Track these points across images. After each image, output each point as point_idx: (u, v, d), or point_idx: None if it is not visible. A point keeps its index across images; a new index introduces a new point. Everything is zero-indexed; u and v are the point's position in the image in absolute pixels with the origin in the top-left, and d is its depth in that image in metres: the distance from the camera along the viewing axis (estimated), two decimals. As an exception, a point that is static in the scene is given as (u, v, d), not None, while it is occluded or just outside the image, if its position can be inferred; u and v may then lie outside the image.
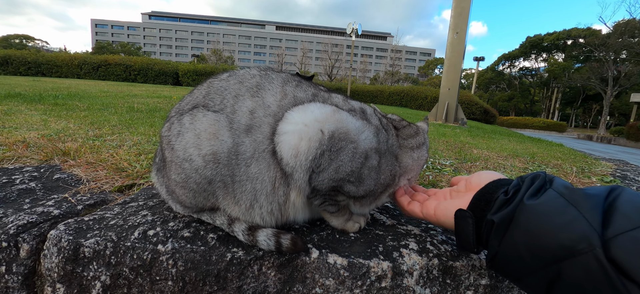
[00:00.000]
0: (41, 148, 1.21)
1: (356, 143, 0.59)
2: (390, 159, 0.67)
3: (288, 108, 0.58)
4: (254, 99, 0.59)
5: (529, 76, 49.15)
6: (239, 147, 0.57)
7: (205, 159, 0.57)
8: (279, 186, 0.58)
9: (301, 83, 0.65)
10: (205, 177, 0.58)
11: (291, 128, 0.56)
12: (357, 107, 0.67)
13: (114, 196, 0.89)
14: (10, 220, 0.68)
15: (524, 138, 4.10)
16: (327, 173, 0.58)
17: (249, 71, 0.65)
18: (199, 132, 0.57)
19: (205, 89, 0.64)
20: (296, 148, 0.55)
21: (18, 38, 54.54)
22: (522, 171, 1.65)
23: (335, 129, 0.57)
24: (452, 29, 5.06)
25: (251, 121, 0.57)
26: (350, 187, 0.62)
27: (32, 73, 13.49)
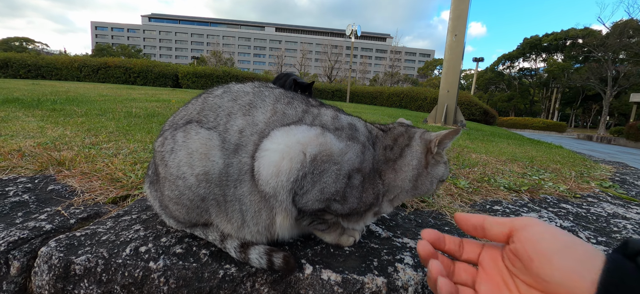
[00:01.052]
0: (36, 158, 1.20)
1: (340, 164, 0.58)
2: (372, 177, 0.65)
3: (275, 126, 0.58)
4: (245, 118, 0.59)
5: (528, 76, 49.20)
6: (229, 168, 0.56)
7: (198, 178, 0.56)
8: (260, 209, 0.58)
9: (293, 100, 0.64)
10: (198, 195, 0.58)
11: (273, 147, 0.55)
12: (345, 124, 0.65)
13: (108, 208, 0.88)
14: (1, 236, 0.68)
15: (523, 141, 4.09)
16: (311, 194, 0.58)
17: (243, 88, 0.65)
18: (192, 151, 0.56)
19: (200, 105, 0.63)
20: (277, 167, 0.55)
21: (18, 41, 54.63)
22: (520, 176, 1.64)
23: (318, 152, 0.56)
24: (451, 32, 5.06)
25: (239, 140, 0.57)
26: (336, 206, 0.61)
27: (32, 76, 13.50)
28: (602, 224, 1.03)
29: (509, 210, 1.10)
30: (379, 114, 6.65)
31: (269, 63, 72.85)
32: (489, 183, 1.42)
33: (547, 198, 1.30)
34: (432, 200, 1.12)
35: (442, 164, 0.70)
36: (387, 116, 6.06)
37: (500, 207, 1.12)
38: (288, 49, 74.92)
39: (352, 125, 0.67)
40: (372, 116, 5.47)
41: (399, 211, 1.00)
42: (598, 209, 1.20)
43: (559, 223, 0.99)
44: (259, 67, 76.57)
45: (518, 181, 1.49)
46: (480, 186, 1.36)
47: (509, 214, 1.05)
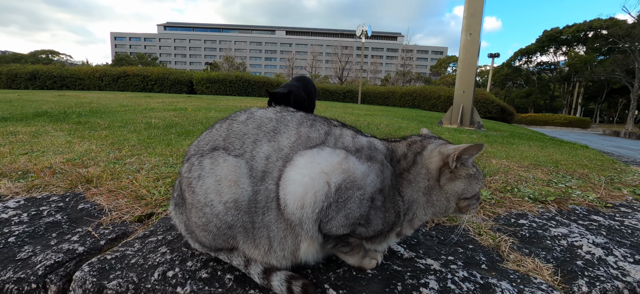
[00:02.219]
0: (66, 175, 1.26)
1: (363, 189, 0.58)
2: (392, 195, 0.64)
3: (299, 149, 0.59)
4: (270, 144, 0.60)
5: (547, 70, 47.25)
6: (257, 195, 0.57)
7: (226, 205, 0.57)
8: (286, 235, 0.59)
9: (315, 122, 0.65)
10: (226, 223, 0.59)
11: (298, 178, 0.56)
12: (365, 143, 0.65)
13: (134, 227, 0.91)
14: (38, 259, 0.71)
15: (546, 141, 3.93)
16: (336, 221, 0.58)
17: (266, 114, 0.65)
18: (220, 178, 0.58)
19: (224, 131, 0.65)
20: (302, 200, 0.55)
21: (44, 53, 57.80)
22: (545, 184, 1.58)
23: (342, 181, 0.57)
24: (465, 31, 4.93)
25: (266, 166, 0.58)
26: (360, 229, 0.61)
27: (57, 86, 14.22)
28: (638, 240, 0.97)
29: (536, 224, 1.05)
30: (391, 115, 6.57)
31: (280, 66, 73.56)
32: (513, 193, 1.37)
33: (576, 209, 1.24)
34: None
35: (462, 180, 0.66)
36: (400, 118, 5.98)
37: (526, 221, 1.08)
38: (298, 52, 75.39)
39: (371, 143, 0.67)
40: (385, 118, 5.41)
41: (420, 227, 0.98)
42: (633, 221, 1.14)
43: (591, 239, 0.94)
44: (270, 70, 77.44)
45: (543, 190, 1.43)
46: (503, 196, 1.31)
47: (536, 230, 1.01)
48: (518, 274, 0.74)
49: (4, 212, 0.95)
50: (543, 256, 0.83)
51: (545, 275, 0.74)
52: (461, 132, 3.98)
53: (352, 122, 4.20)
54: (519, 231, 0.99)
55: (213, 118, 3.61)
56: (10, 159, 1.47)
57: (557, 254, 0.85)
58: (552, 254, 0.85)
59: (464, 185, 0.66)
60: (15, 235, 0.82)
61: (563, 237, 0.96)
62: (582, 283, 0.72)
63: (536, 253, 0.85)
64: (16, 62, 34.27)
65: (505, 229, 1.00)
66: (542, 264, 0.79)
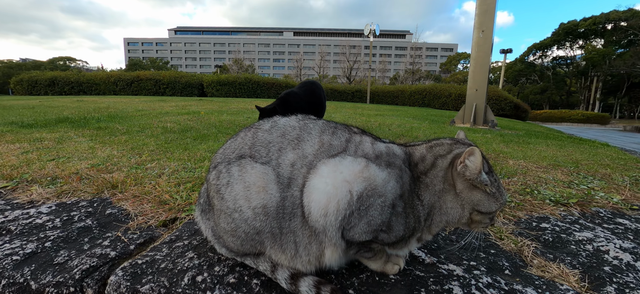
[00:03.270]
0: (92, 181, 1.32)
1: (384, 196, 0.59)
2: (412, 200, 0.64)
3: (322, 157, 0.60)
4: (295, 152, 0.61)
5: (563, 65, 45.75)
6: (285, 201, 0.59)
7: (255, 211, 0.59)
8: (311, 242, 0.60)
9: (337, 129, 0.66)
10: (254, 228, 0.61)
11: (321, 186, 0.57)
12: (384, 149, 0.66)
13: (160, 232, 0.94)
14: (74, 264, 0.75)
15: (564, 139, 3.81)
16: (358, 228, 0.59)
17: (289, 122, 0.67)
18: (249, 184, 0.60)
19: (250, 140, 0.66)
20: (325, 208, 0.57)
21: (62, 60, 59.99)
22: (566, 185, 1.54)
23: (364, 189, 0.58)
24: (478, 28, 4.84)
25: (291, 173, 0.59)
26: (383, 236, 0.62)
27: (75, 92, 14.73)
28: (669, 244, 0.94)
29: (559, 228, 1.03)
30: (401, 114, 6.51)
31: (288, 67, 73.94)
32: (533, 196, 1.34)
33: (600, 212, 1.20)
34: (472, 217, 1.08)
35: (479, 192, 0.63)
36: (411, 117, 5.92)
37: (549, 224, 1.06)
38: (306, 52, 75.59)
39: (389, 149, 0.67)
40: (396, 118, 5.37)
41: (440, 232, 0.97)
42: (662, 225, 1.10)
43: (618, 244, 0.92)
44: (279, 71, 77.95)
45: (565, 192, 1.40)
46: (523, 199, 1.29)
47: (559, 234, 0.99)
48: (543, 281, 0.73)
49: (38, 218, 1.00)
50: (568, 262, 0.82)
51: (571, 281, 0.73)
52: (475, 131, 3.91)
53: (363, 123, 4.19)
54: (542, 235, 0.97)
55: (226, 121, 3.67)
56: (39, 165, 1.54)
57: (583, 260, 0.83)
58: (578, 259, 0.84)
59: (481, 197, 0.64)
60: (51, 240, 0.86)
61: (588, 241, 0.94)
62: (610, 290, 0.70)
63: (561, 258, 0.83)
64: (36, 69, 35.70)
65: (527, 234, 0.98)
66: (567, 270, 0.77)
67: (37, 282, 0.69)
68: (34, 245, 0.83)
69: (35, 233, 0.91)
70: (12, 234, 0.90)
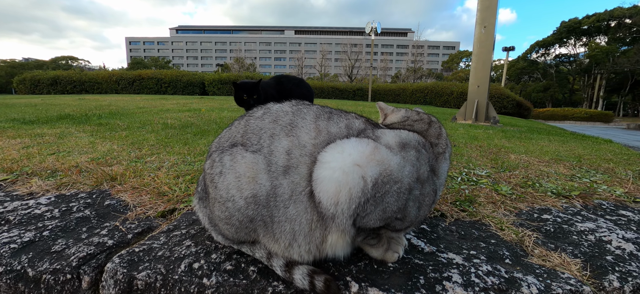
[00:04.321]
0: (92, 173, 1.32)
1: (400, 182, 0.57)
2: (430, 179, 0.64)
3: (322, 146, 0.58)
4: (289, 138, 0.60)
5: (566, 63, 45.42)
6: (277, 189, 0.57)
7: (246, 200, 0.58)
8: (315, 228, 0.58)
9: (333, 114, 0.65)
10: (247, 216, 0.60)
11: (328, 174, 0.54)
12: (392, 133, 0.63)
13: (158, 222, 0.94)
14: (72, 251, 0.75)
15: (566, 136, 3.78)
16: (373, 216, 0.57)
17: (282, 108, 0.66)
18: (239, 174, 0.59)
19: (242, 127, 0.66)
20: (336, 197, 0.54)
21: (64, 59, 60.29)
22: (568, 178, 1.52)
23: (379, 174, 0.54)
24: (479, 24, 4.80)
25: (288, 161, 0.58)
26: (396, 223, 0.61)
27: (77, 91, 14.79)
28: (673, 235, 0.92)
29: (561, 219, 1.02)
30: (403, 112, 6.48)
31: (290, 66, 73.92)
32: (534, 188, 1.33)
33: (602, 204, 1.19)
34: (473, 208, 1.07)
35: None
36: (413, 115, 5.90)
37: (550, 216, 1.05)
38: (307, 51, 75.50)
39: (399, 133, 0.64)
40: (397, 116, 5.35)
41: (439, 222, 0.97)
42: (666, 216, 1.08)
43: (620, 234, 0.91)
44: (280, 70, 77.92)
45: (567, 185, 1.39)
46: (525, 191, 1.28)
47: (561, 225, 0.98)
48: (544, 269, 0.72)
49: (37, 209, 1.00)
50: (570, 251, 0.81)
51: (573, 270, 0.72)
52: (476, 127, 3.89)
53: (364, 119, 4.18)
54: (543, 226, 0.96)
55: (226, 118, 3.67)
56: (40, 159, 1.55)
57: (585, 250, 0.82)
58: (580, 249, 0.82)
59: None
60: (49, 229, 0.86)
61: (590, 232, 0.93)
62: (613, 279, 0.69)
63: (562, 248, 0.82)
64: (39, 68, 35.85)
65: (528, 225, 0.97)
66: (569, 259, 0.76)
67: (34, 269, 0.69)
68: (32, 234, 0.83)
69: (34, 222, 0.90)
70: (11, 223, 0.90)
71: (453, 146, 2.26)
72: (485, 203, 1.13)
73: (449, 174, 1.48)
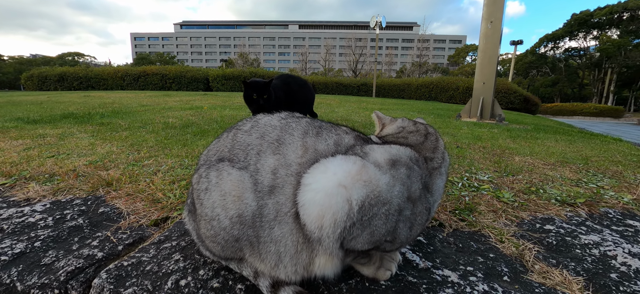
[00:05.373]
0: (88, 178, 1.31)
1: (389, 203, 0.54)
2: (423, 197, 0.61)
3: (309, 165, 0.55)
4: (275, 157, 0.57)
5: (576, 57, 44.37)
6: (263, 209, 0.55)
7: (232, 220, 0.57)
8: (302, 250, 0.56)
9: (322, 130, 0.62)
10: (233, 236, 0.58)
11: (310, 197, 0.52)
12: (381, 150, 0.59)
13: (150, 231, 0.93)
14: (61, 265, 0.74)
15: (574, 135, 3.69)
16: (360, 239, 0.55)
17: (270, 121, 0.64)
18: (225, 192, 0.57)
19: (230, 141, 0.64)
20: (319, 221, 0.51)
21: (71, 55, 60.92)
22: (574, 184, 1.48)
23: (366, 197, 0.51)
24: (486, 19, 4.68)
25: (274, 181, 0.56)
26: (386, 245, 0.58)
27: (83, 87, 14.94)
28: (683, 249, 0.88)
29: (564, 230, 0.98)
30: (406, 109, 6.41)
31: (294, 61, 73.60)
32: (538, 195, 1.29)
33: (608, 213, 1.15)
34: (473, 218, 1.04)
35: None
36: (417, 112, 5.83)
37: (553, 226, 1.01)
38: (312, 46, 75.07)
39: (389, 148, 0.61)
40: (400, 113, 5.29)
41: (437, 233, 0.94)
42: (676, 227, 1.04)
43: (626, 249, 0.87)
44: (284, 65, 77.70)
45: (572, 191, 1.34)
46: (528, 198, 1.24)
47: (564, 237, 0.94)
48: (544, 288, 0.69)
49: (31, 217, 1.00)
50: (572, 268, 0.77)
51: (575, 290, 0.69)
52: (481, 126, 3.82)
53: (366, 117, 4.13)
54: (545, 238, 0.93)
55: (228, 116, 3.66)
56: (39, 162, 1.55)
57: (588, 266, 0.79)
58: (583, 265, 0.79)
59: None
60: (40, 240, 0.86)
61: (595, 245, 0.89)
62: (617, 300, 0.66)
63: (564, 264, 0.79)
64: (46, 64, 36.31)
65: (529, 236, 0.94)
66: (571, 277, 0.73)
67: (23, 283, 0.69)
68: (23, 245, 0.83)
69: (27, 232, 0.90)
70: (4, 233, 0.90)
71: (456, 147, 2.22)
72: (485, 212, 1.10)
73: (450, 178, 1.44)
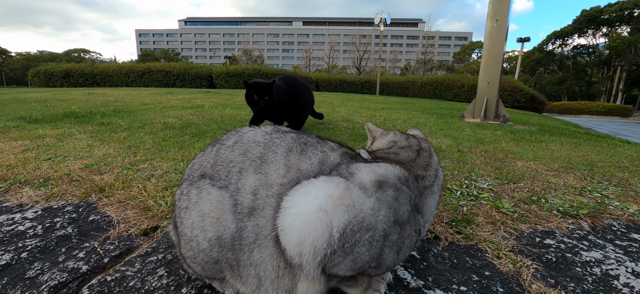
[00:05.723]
0: (82, 183, 1.31)
1: (373, 229, 0.51)
2: (412, 219, 0.58)
3: (291, 186, 0.53)
4: (257, 176, 0.55)
5: (584, 54, 43.55)
6: (242, 232, 0.53)
7: (210, 242, 0.54)
8: (283, 275, 0.53)
9: (306, 147, 0.59)
10: (212, 258, 0.56)
11: (288, 222, 0.49)
12: (368, 169, 0.56)
13: (139, 242, 0.92)
14: (45, 279, 0.73)
15: (580, 137, 3.61)
16: (342, 266, 0.52)
17: (254, 136, 0.61)
18: (203, 213, 0.55)
19: (213, 157, 0.61)
20: (298, 248, 0.49)
21: (77, 52, 61.50)
22: (578, 192, 1.43)
23: (348, 223, 0.49)
24: (491, 17, 4.59)
25: (254, 202, 0.53)
26: (370, 271, 0.55)
27: (89, 84, 15.08)
28: (690, 268, 0.85)
29: (565, 246, 0.95)
30: (409, 107, 6.34)
31: (297, 58, 73.44)
32: (539, 205, 1.25)
33: (612, 226, 1.11)
34: (470, 230, 1.01)
35: None
36: (420, 111, 5.76)
37: (554, 241, 0.98)
38: (316, 42, 74.77)
39: (376, 168, 0.57)
40: (403, 113, 5.23)
41: (432, 247, 0.91)
42: (683, 242, 0.99)
43: (630, 267, 0.83)
44: (288, 62, 77.58)
45: (575, 201, 1.30)
46: (528, 209, 1.20)
47: (564, 253, 0.91)
48: (540, 312, 0.66)
49: (21, 225, 0.99)
50: (571, 289, 0.74)
51: (573, 314, 0.66)
52: (484, 127, 3.75)
53: (367, 118, 4.08)
54: (545, 254, 0.90)
55: (228, 116, 3.65)
56: (35, 165, 1.55)
57: (588, 287, 0.75)
58: (582, 285, 0.76)
59: None
60: (28, 250, 0.85)
61: (596, 263, 0.85)
62: (617, 326, 0.63)
63: (563, 284, 0.76)
64: (52, 61, 36.71)
65: (528, 251, 0.91)
66: (569, 300, 0.70)
67: (5, 298, 0.68)
68: (10, 256, 0.82)
69: (15, 241, 0.89)
70: (-8, 242, 0.89)
71: (457, 151, 2.18)
72: (484, 223, 1.07)
73: (448, 186, 1.41)
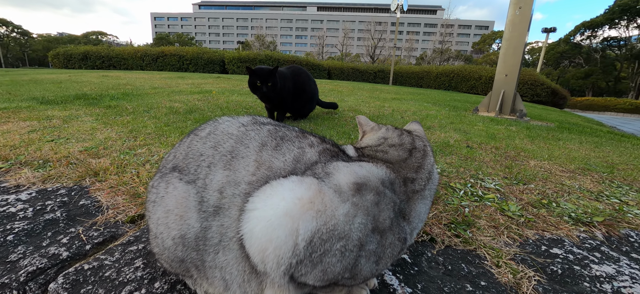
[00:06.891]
0: (78, 166, 1.31)
1: (346, 238, 0.46)
2: (395, 226, 0.52)
3: (259, 185, 0.48)
4: (225, 172, 0.50)
5: (615, 47, 40.91)
6: (207, 232, 0.49)
7: (174, 241, 0.51)
8: (250, 279, 0.49)
9: (282, 143, 0.54)
10: (177, 257, 0.53)
11: (250, 227, 0.45)
12: (348, 170, 0.50)
13: (125, 229, 0.90)
14: (25, 263, 0.72)
15: (602, 135, 3.40)
16: (311, 276, 0.47)
17: (228, 128, 0.56)
18: (168, 210, 0.51)
19: (186, 148, 0.57)
20: (261, 255, 0.45)
21: (95, 34, 62.93)
22: (594, 197, 1.33)
23: (316, 231, 0.44)
24: (514, 4, 4.30)
25: (220, 200, 0.49)
26: (345, 281, 0.50)
27: (105, 66, 15.43)
28: None
29: (573, 257, 0.87)
30: (421, 99, 6.14)
31: (311, 44, 72.45)
32: (549, 209, 1.16)
33: (629, 236, 1.01)
34: (469, 234, 0.95)
35: None
36: (431, 102, 5.57)
37: (561, 251, 0.90)
38: (329, 29, 73.46)
39: (357, 169, 0.51)
40: (413, 104, 5.07)
41: (426, 250, 0.86)
42: None
43: (646, 285, 0.75)
44: (301, 48, 76.74)
45: (590, 207, 1.20)
46: (537, 213, 1.12)
47: (572, 265, 0.83)
48: (538, 332, 0.60)
49: (13, 206, 1.00)
50: (576, 307, 0.67)
51: (574, 337, 0.59)
52: (498, 122, 3.58)
53: (376, 108, 3.98)
54: (550, 265, 0.82)
55: (234, 102, 3.63)
56: (37, 146, 1.57)
57: (596, 305, 0.68)
58: (589, 303, 0.69)
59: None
60: (14, 233, 0.85)
61: (607, 279, 0.78)
62: (625, 354, 0.56)
63: (567, 301, 0.69)
64: (71, 43, 37.72)
65: (531, 260, 0.84)
66: (572, 319, 0.63)
67: (-16, 281, 0.67)
68: (-4, 238, 0.82)
69: (4, 223, 0.90)
70: (-18, 223, 0.90)
71: (466, 147, 2.07)
72: (485, 227, 1.00)
73: (451, 185, 1.34)
